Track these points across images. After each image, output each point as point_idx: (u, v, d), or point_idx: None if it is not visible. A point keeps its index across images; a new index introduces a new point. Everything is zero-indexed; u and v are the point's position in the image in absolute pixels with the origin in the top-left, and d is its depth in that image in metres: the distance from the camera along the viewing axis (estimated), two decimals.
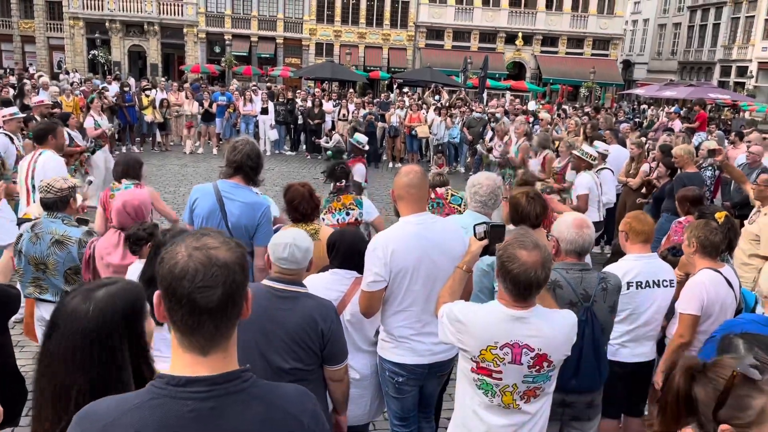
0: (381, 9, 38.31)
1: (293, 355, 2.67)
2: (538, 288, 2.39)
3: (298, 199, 4.05)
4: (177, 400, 1.32)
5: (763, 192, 4.94)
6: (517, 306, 2.41)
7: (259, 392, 1.41)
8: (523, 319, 2.41)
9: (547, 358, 2.43)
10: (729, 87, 36.24)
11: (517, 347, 2.39)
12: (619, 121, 16.27)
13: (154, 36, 37.45)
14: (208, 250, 1.34)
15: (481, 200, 3.79)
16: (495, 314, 2.44)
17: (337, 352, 2.76)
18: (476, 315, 2.48)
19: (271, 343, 2.66)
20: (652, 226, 3.58)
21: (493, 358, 2.41)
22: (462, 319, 2.47)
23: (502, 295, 2.44)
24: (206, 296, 1.31)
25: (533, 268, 2.32)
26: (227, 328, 1.38)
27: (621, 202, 8.53)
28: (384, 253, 2.96)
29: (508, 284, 2.38)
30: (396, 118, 16.17)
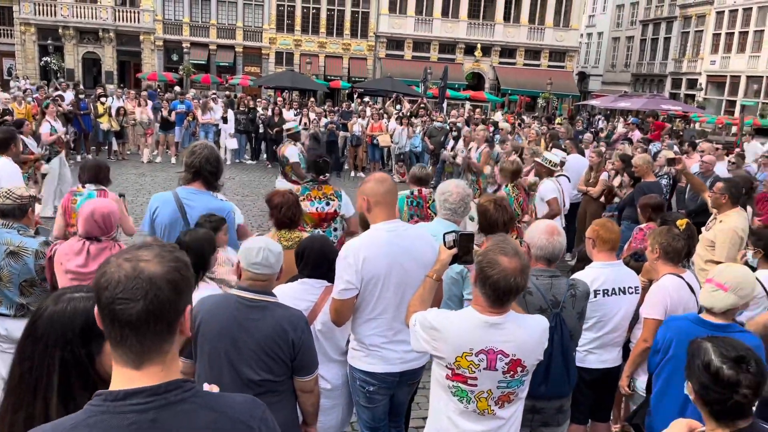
0: (341, 19, 38.39)
1: (263, 366, 2.61)
2: (517, 294, 2.40)
3: (286, 204, 4.04)
4: (116, 415, 1.26)
5: (719, 200, 5.08)
6: (493, 312, 2.41)
7: (203, 401, 1.35)
8: (498, 325, 2.41)
9: (521, 363, 2.44)
10: (680, 99, 37.53)
11: (492, 353, 2.39)
12: (578, 131, 16.62)
13: (110, 43, 36.63)
14: (138, 261, 1.29)
15: (451, 207, 3.82)
16: (470, 321, 2.43)
17: (308, 363, 2.71)
18: (451, 322, 2.46)
19: (240, 354, 2.60)
20: (618, 234, 3.64)
21: (469, 365, 2.40)
22: (437, 326, 2.45)
23: (478, 301, 2.44)
24: (124, 309, 1.26)
25: (513, 275, 2.32)
26: (156, 344, 1.31)
27: (581, 210, 8.69)
28: (355, 261, 2.92)
29: (487, 290, 2.36)
30: (358, 128, 16.17)
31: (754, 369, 1.93)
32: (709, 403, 1.99)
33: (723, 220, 5.17)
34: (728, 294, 2.92)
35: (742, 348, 1.97)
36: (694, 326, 3.00)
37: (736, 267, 3.27)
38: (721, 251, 5.04)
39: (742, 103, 34.87)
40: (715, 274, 3.03)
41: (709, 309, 2.98)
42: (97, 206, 3.57)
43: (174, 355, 1.36)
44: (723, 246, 5.03)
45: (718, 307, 2.94)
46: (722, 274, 3.00)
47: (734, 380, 1.92)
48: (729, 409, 1.96)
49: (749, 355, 1.94)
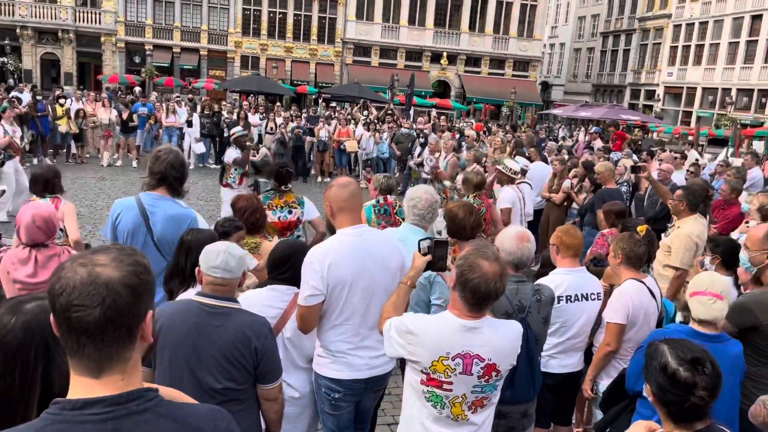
0: (308, 24, 38.29)
1: (225, 374, 2.55)
2: (495, 299, 2.41)
3: (250, 209, 3.99)
4: (73, 425, 1.21)
5: (677, 206, 5.21)
6: (470, 316, 2.42)
7: (166, 411, 1.31)
8: (475, 329, 2.42)
9: (496, 367, 2.45)
10: (638, 109, 38.56)
11: (468, 357, 2.40)
12: (542, 139, 16.90)
13: (69, 44, 35.73)
14: (94, 266, 1.24)
15: (420, 213, 3.83)
16: (447, 324, 2.43)
17: (271, 370, 2.66)
18: (429, 326, 2.46)
19: (202, 362, 2.54)
20: (581, 240, 3.70)
21: (445, 369, 2.40)
22: (414, 330, 2.45)
23: (456, 304, 2.44)
24: (80, 316, 1.21)
25: (493, 279, 2.34)
26: (116, 351, 1.26)
27: (544, 216, 8.82)
28: (321, 266, 2.89)
29: (466, 293, 2.37)
30: (325, 133, 16.12)
31: (710, 371, 1.97)
32: (666, 404, 2.03)
33: (680, 226, 5.31)
34: (725, 303, 2.94)
35: (698, 350, 2.02)
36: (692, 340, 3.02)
37: (716, 275, 3.30)
38: (676, 256, 5.15)
39: (698, 114, 35.97)
40: (708, 286, 2.98)
41: (710, 321, 2.93)
42: (35, 212, 3.46)
43: (136, 362, 1.32)
44: (678, 251, 5.15)
45: (719, 318, 2.93)
46: (715, 284, 2.98)
47: (691, 382, 1.96)
48: (686, 411, 1.99)
49: (705, 356, 1.99)
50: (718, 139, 28.15)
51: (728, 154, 19.01)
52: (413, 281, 2.82)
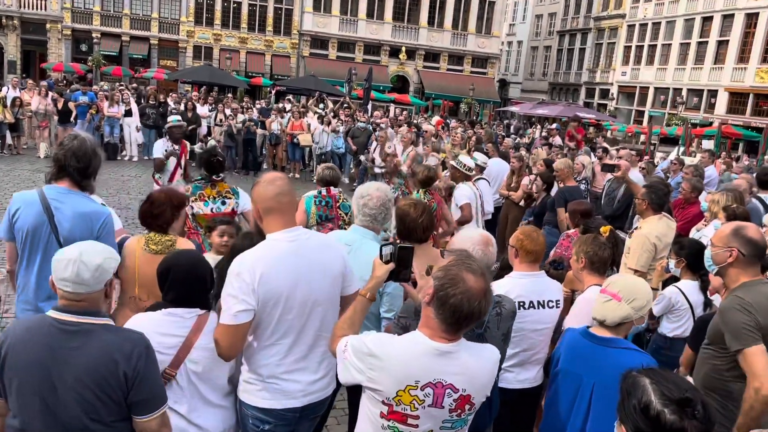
0: (263, 14, 37.42)
1: (88, 407, 2.09)
2: (477, 320, 2.05)
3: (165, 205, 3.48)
4: None
5: (641, 205, 4.98)
6: (445, 338, 2.05)
7: None
8: (449, 354, 2.05)
9: (470, 399, 2.09)
10: (593, 107, 39.06)
11: (440, 387, 2.02)
12: (500, 135, 16.75)
13: (13, 31, 34.02)
14: None
15: (371, 213, 3.34)
16: (417, 348, 2.05)
17: (148, 398, 2.19)
18: (394, 348, 2.08)
19: (56, 393, 2.09)
20: (543, 246, 3.37)
21: (411, 401, 2.02)
22: (377, 353, 2.06)
23: (429, 323, 2.06)
24: None
25: (478, 297, 1.98)
26: None
27: (503, 214, 8.56)
28: (251, 278, 2.43)
29: (445, 311, 2.00)
30: (277, 125, 15.57)
31: (701, 414, 1.59)
32: None
33: (642, 227, 5.09)
34: (621, 305, 2.66)
35: (687, 387, 1.64)
36: (581, 338, 2.76)
37: (632, 277, 3.08)
38: (633, 257, 4.93)
39: (650, 113, 36.66)
40: (608, 284, 2.79)
41: (601, 321, 2.71)
42: None
43: None
44: (635, 252, 4.93)
45: (610, 319, 2.68)
46: (615, 283, 2.76)
47: (678, 427, 1.58)
48: None
49: (696, 397, 1.61)
50: (670, 138, 28.67)
51: (679, 152, 19.28)
52: (373, 293, 2.42)
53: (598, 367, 2.64)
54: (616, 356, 2.62)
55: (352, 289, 2.74)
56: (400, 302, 3.05)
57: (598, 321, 2.74)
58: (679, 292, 4.23)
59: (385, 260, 2.41)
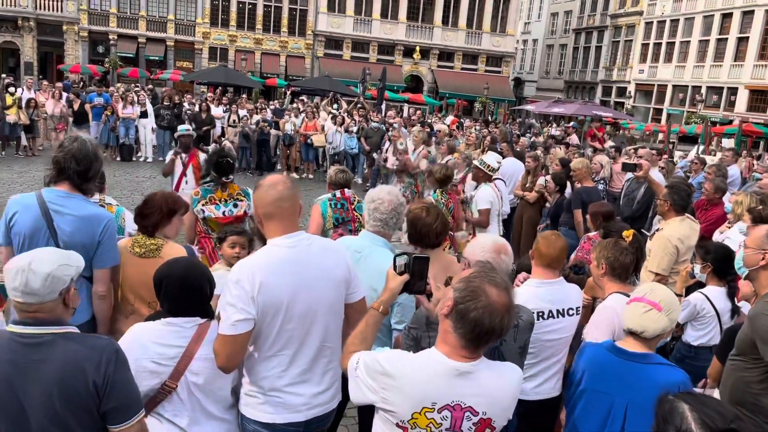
0: (278, 15, 37.45)
1: (59, 421, 2.00)
2: (498, 337, 1.92)
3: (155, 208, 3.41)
4: None
5: (662, 206, 4.80)
6: (465, 357, 1.91)
7: None
8: (468, 375, 1.91)
9: (491, 423, 1.95)
10: (610, 106, 38.61)
11: (459, 410, 1.89)
12: (515, 134, 16.52)
13: (30, 32, 34.34)
14: None
15: (382, 218, 3.17)
16: (434, 367, 1.92)
17: (122, 406, 2.08)
18: (410, 366, 1.95)
19: (24, 410, 2.00)
20: (560, 251, 3.19)
21: (428, 424, 1.89)
22: (391, 372, 1.93)
23: (447, 340, 1.93)
24: None
25: (500, 313, 1.85)
26: None
27: (517, 215, 8.39)
28: (251, 286, 2.32)
29: (464, 327, 1.87)
30: (290, 126, 15.50)
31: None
32: None
33: (663, 228, 4.92)
34: (662, 315, 2.50)
35: (731, 416, 1.48)
36: (608, 355, 2.58)
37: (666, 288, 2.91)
38: (654, 260, 4.76)
39: (669, 111, 36.14)
40: (646, 292, 2.59)
41: (640, 333, 2.53)
42: None
43: None
44: (655, 255, 4.76)
45: (651, 330, 2.50)
46: (655, 292, 2.58)
47: None
48: None
49: (742, 428, 1.46)
50: (689, 136, 28.24)
51: (699, 151, 18.95)
52: (386, 307, 2.28)
53: (632, 387, 2.47)
54: (651, 374, 2.47)
55: (358, 296, 2.62)
56: (412, 313, 2.93)
57: (634, 332, 2.55)
58: (704, 298, 4.04)
59: (399, 271, 2.27)
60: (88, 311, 3.12)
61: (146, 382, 2.39)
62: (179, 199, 3.48)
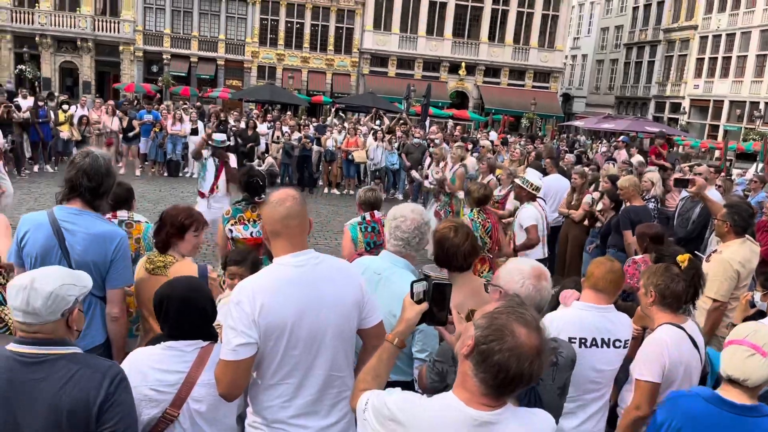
0: (325, 34, 37.92)
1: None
2: (526, 385, 1.64)
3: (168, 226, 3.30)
4: None
5: (721, 228, 4.44)
6: (486, 405, 1.65)
7: None
8: (490, 426, 1.64)
9: None
10: (663, 122, 37.44)
11: None
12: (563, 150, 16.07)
13: (88, 53, 35.76)
14: None
15: (403, 237, 2.93)
16: (450, 415, 1.66)
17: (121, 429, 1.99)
18: (423, 414, 1.70)
19: (17, 430, 1.92)
20: (620, 280, 2.89)
21: None
22: (401, 419, 1.71)
23: (467, 384, 1.67)
24: None
25: (530, 357, 1.58)
26: None
27: (562, 234, 8.04)
28: (252, 307, 2.15)
29: (486, 371, 1.61)
30: (332, 142, 15.50)
31: None
32: None
33: (722, 251, 4.55)
34: (767, 361, 2.17)
35: None
36: (712, 408, 2.25)
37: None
38: (712, 286, 4.40)
39: (725, 128, 34.79)
40: (747, 334, 2.24)
41: (742, 381, 2.20)
42: None
43: None
44: (714, 280, 4.41)
45: (755, 378, 2.17)
46: (758, 333, 2.23)
47: None
48: None
49: None
50: (747, 153, 27.05)
51: (758, 169, 18.06)
52: (402, 339, 2.05)
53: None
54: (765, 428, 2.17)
55: (373, 320, 2.41)
56: (436, 341, 2.69)
57: (736, 380, 2.23)
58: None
59: (417, 299, 2.04)
60: (102, 333, 3.02)
61: (147, 411, 2.25)
62: (194, 215, 3.35)
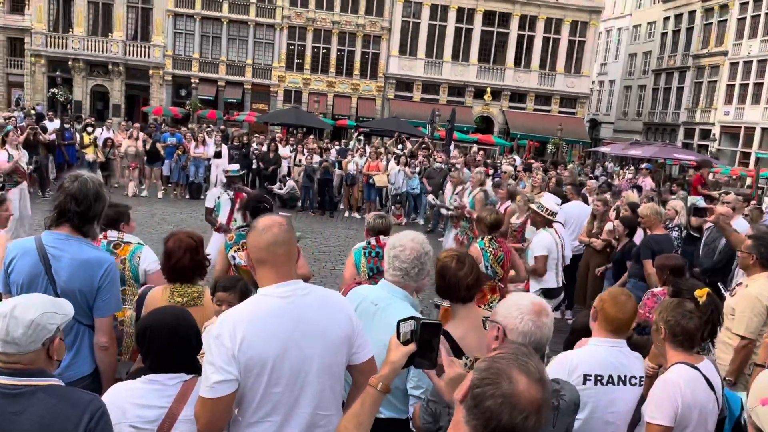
0: (351, 59, 38.30)
1: None
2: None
3: (180, 251, 3.23)
4: None
5: (746, 260, 4.21)
6: None
7: None
8: None
9: None
10: (693, 149, 36.78)
11: None
12: (588, 176, 15.79)
13: (119, 77, 36.66)
14: None
15: (402, 267, 2.75)
16: None
17: None
18: None
19: None
20: (631, 315, 2.72)
21: None
22: None
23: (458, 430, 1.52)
24: None
25: (525, 411, 1.40)
26: None
27: (583, 263, 7.81)
28: (232, 342, 2.03)
29: (477, 418, 1.44)
30: (353, 166, 15.48)
31: None
32: None
33: (749, 285, 4.32)
34: None
35: None
36: None
37: None
38: (740, 323, 4.17)
39: (757, 155, 34.01)
40: None
41: None
42: None
43: None
44: (742, 316, 4.18)
45: None
46: None
47: None
48: None
49: None
50: None
51: None
52: (386, 384, 1.90)
53: None
54: None
55: (363, 356, 2.28)
56: None
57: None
58: None
59: (403, 340, 1.88)
60: (90, 363, 2.92)
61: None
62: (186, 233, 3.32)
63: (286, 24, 37.28)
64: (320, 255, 11.00)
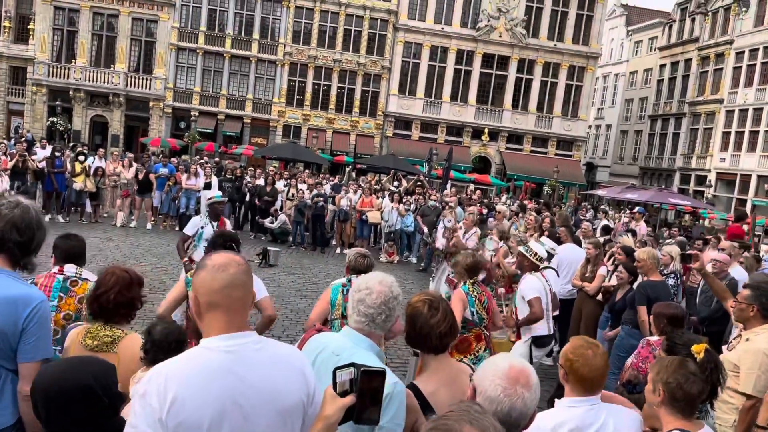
0: (351, 97, 38.56)
1: None
2: None
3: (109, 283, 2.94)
4: None
5: (745, 311, 3.95)
6: None
7: None
8: None
9: None
10: (689, 194, 36.81)
11: None
12: (581, 219, 15.60)
13: (119, 108, 36.78)
14: None
15: (368, 313, 2.40)
16: None
17: None
18: None
19: None
20: (603, 372, 2.47)
21: None
22: None
23: None
24: None
25: None
26: None
27: (576, 309, 7.54)
28: (160, 402, 1.71)
29: None
30: (346, 202, 15.28)
31: None
32: None
33: (750, 338, 4.04)
34: None
35: None
36: None
37: None
38: (747, 381, 3.88)
39: (753, 203, 33.99)
40: None
41: None
42: None
43: None
44: (750, 374, 3.89)
45: None
46: None
47: None
48: None
49: None
50: None
51: None
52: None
53: None
54: None
55: None
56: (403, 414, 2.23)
57: None
58: None
59: (340, 390, 1.64)
60: (12, 413, 2.57)
61: None
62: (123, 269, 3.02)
63: (288, 60, 37.63)
64: (307, 292, 10.70)
